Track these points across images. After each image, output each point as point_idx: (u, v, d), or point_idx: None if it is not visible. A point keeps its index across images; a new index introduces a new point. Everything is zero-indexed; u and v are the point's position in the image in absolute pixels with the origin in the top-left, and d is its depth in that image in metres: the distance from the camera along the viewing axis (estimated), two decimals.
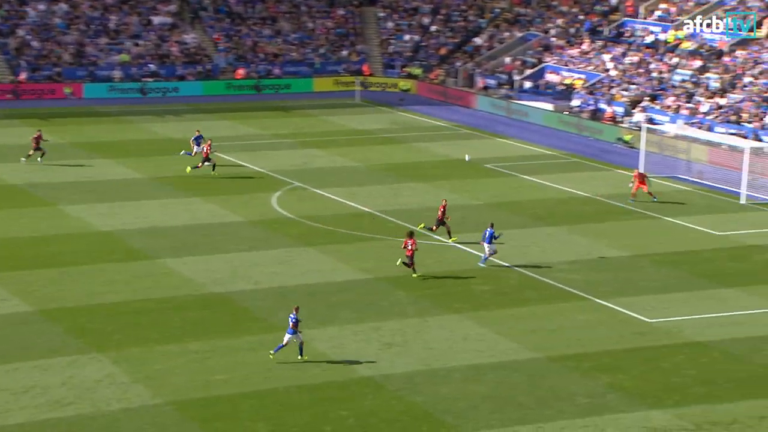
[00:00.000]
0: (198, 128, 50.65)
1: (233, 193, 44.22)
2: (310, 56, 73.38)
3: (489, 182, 47.50)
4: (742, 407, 24.20)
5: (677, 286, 32.89)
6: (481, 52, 73.75)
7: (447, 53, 75.25)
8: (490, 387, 25.53)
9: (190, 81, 69.22)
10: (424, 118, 63.67)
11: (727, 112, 53.60)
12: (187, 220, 39.91)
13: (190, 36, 72.71)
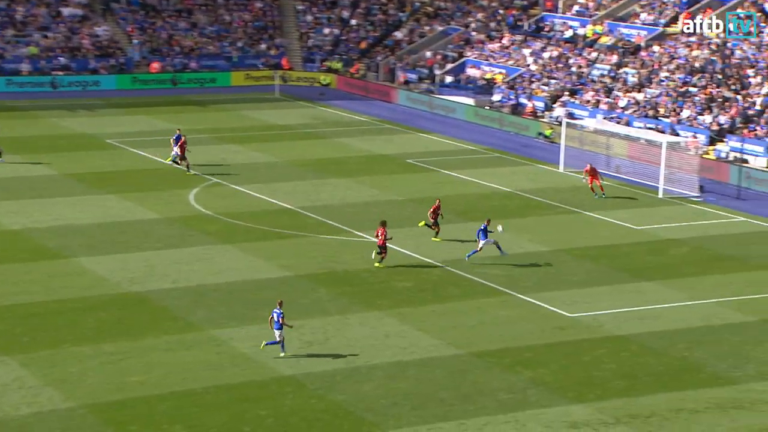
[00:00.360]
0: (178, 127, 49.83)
1: (149, 190, 43.53)
2: (227, 50, 72.68)
3: (411, 178, 47.64)
4: (661, 400, 24.69)
5: (597, 281, 33.41)
6: (401, 46, 73.94)
7: (367, 47, 75.26)
8: (412, 384, 25.59)
9: (103, 75, 67.97)
10: (344, 113, 63.56)
11: (644, 107, 54.68)
12: (102, 218, 39.17)
13: (102, 28, 71.35)
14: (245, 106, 64.03)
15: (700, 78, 54.61)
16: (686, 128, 51.43)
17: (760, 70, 53.03)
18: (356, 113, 63.62)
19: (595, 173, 44.03)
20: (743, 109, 50.97)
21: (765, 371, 26.29)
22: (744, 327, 29.45)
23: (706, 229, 39.71)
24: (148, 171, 47.05)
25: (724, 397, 24.80)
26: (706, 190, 45.15)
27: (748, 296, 31.95)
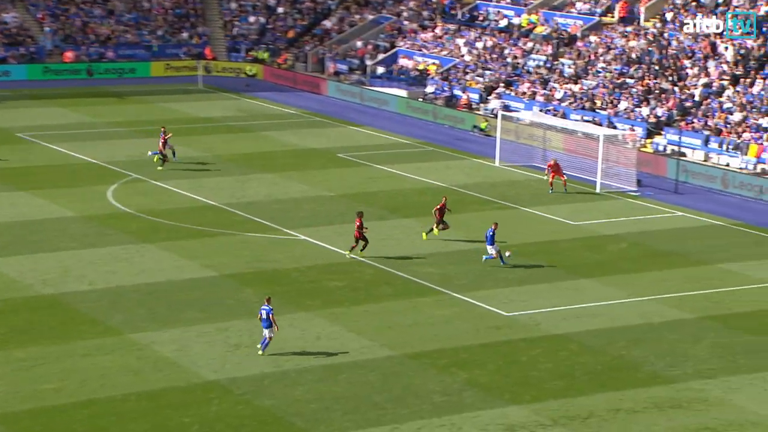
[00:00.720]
0: None
1: (64, 186, 42.82)
2: (146, 39, 71.79)
3: (342, 172, 47.61)
4: (599, 400, 25.05)
5: (534, 278, 33.77)
6: (331, 35, 73.83)
7: (295, 36, 74.98)
8: (344, 387, 25.58)
9: (13, 64, 66.63)
10: (272, 105, 63.27)
11: (581, 99, 55.39)
12: (13, 216, 38.42)
13: (11, 15, 69.90)
14: (166, 98, 63.33)
15: (637, 69, 55.52)
16: (624, 121, 52.25)
17: (697, 60, 54.09)
18: (284, 105, 63.35)
19: (558, 169, 44.42)
20: (680, 101, 51.95)
21: (703, 369, 26.84)
22: (682, 324, 30.03)
23: (645, 224, 40.40)
24: (63, 166, 46.26)
25: (661, 397, 25.27)
26: (644, 185, 45.93)
27: (687, 293, 32.59)
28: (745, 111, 49.22)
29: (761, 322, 30.23)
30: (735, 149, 47.62)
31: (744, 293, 32.59)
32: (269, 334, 27.00)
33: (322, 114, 61.25)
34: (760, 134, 47.55)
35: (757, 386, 25.87)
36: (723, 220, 40.97)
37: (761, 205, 43.69)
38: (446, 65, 64.80)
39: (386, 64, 67.98)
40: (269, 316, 26.86)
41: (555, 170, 44.41)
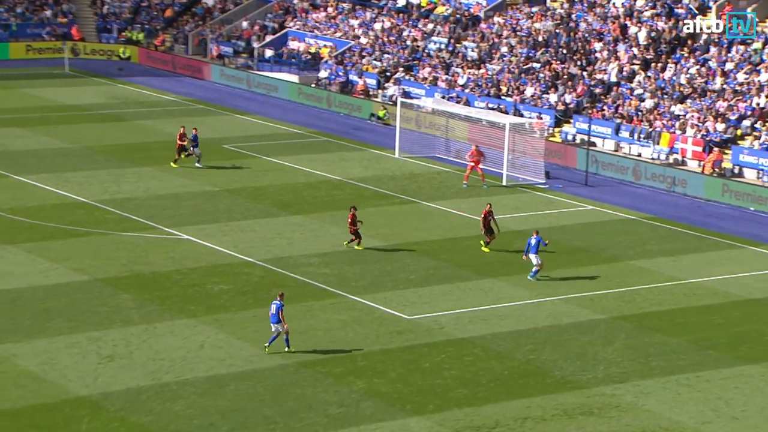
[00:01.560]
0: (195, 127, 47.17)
1: None
2: (4, 17, 70.07)
3: (227, 165, 47.33)
4: (505, 408, 25.49)
5: (437, 278, 34.15)
6: (213, 14, 73.23)
7: (173, 16, 74.16)
8: (230, 400, 25.49)
9: None
10: (149, 92, 62.50)
11: (485, 85, 56.12)
12: None
13: None
14: (28, 83, 62.01)
15: (543, 53, 56.50)
16: (531, 108, 53.15)
17: (607, 43, 55.32)
18: (162, 92, 62.63)
19: (480, 159, 44.65)
20: (589, 88, 53.08)
21: (614, 373, 27.54)
22: (593, 325, 30.75)
23: (553, 219, 41.20)
24: None
25: (571, 403, 25.84)
26: (553, 176, 46.82)
27: (597, 291, 33.37)
28: (657, 98, 50.57)
29: (674, 322, 31.16)
30: (647, 138, 48.90)
31: (656, 291, 33.53)
32: (279, 329, 27.76)
33: (204, 101, 60.74)
34: (673, 122, 48.92)
35: (670, 390, 26.66)
36: (635, 214, 42.05)
37: (674, 198, 44.97)
38: (341, 48, 64.91)
39: (275, 46, 67.77)
40: (279, 312, 27.52)
41: (476, 160, 44.69)
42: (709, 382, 27.07)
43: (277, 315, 27.72)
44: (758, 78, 49.05)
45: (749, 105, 48.04)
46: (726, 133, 47.38)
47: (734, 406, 25.78)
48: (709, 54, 51.67)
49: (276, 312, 27.78)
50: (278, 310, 27.75)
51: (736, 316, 31.76)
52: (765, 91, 48.15)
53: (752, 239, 39.06)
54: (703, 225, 40.80)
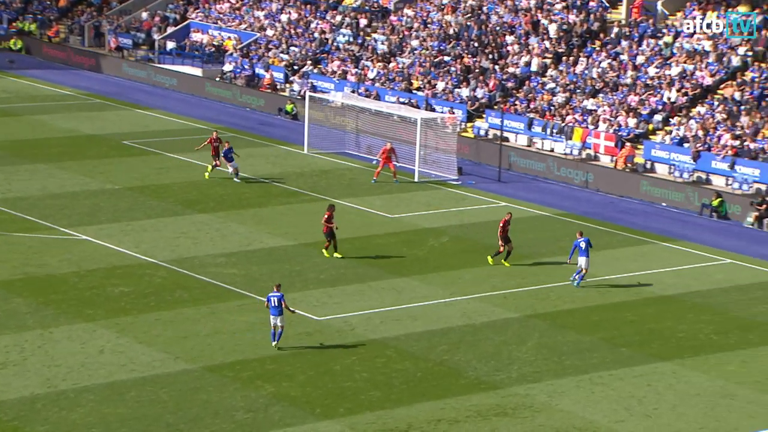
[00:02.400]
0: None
1: None
2: None
3: (127, 162, 46.75)
4: (418, 410, 25.60)
5: (348, 278, 34.15)
6: (111, 4, 72.21)
7: (68, 5, 72.92)
8: (131, 408, 25.17)
9: None
10: (42, 85, 61.46)
11: (396, 78, 56.27)
12: None
13: None
14: None
15: (454, 46, 56.87)
16: (442, 103, 53.45)
17: (519, 37, 55.87)
18: (57, 85, 61.61)
19: (391, 155, 44.68)
20: (501, 82, 53.58)
21: (527, 373, 27.85)
22: (507, 324, 31.06)
23: (467, 216, 41.50)
24: None
25: (485, 404, 26.06)
26: (466, 173, 47.16)
27: (511, 290, 33.71)
28: (569, 92, 51.26)
29: (587, 320, 31.62)
30: (559, 133, 49.54)
31: (570, 289, 33.98)
32: (280, 323, 28.07)
33: (102, 95, 59.89)
34: (585, 117, 49.63)
35: (583, 389, 27.04)
36: (548, 210, 42.57)
37: (587, 194, 45.64)
38: (246, 40, 64.50)
39: (177, 38, 67.05)
40: (281, 303, 27.92)
41: (387, 157, 44.82)
42: (623, 380, 27.53)
43: (280, 306, 27.98)
44: (669, 72, 50.03)
45: (660, 99, 48.98)
46: (638, 128, 48.24)
47: (647, 404, 26.26)
48: (620, 47, 52.54)
49: (278, 304, 28.02)
50: (280, 300, 28.03)
51: (648, 313, 32.36)
52: (676, 85, 49.13)
53: (664, 235, 39.84)
54: (615, 221, 41.48)
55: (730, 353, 29.29)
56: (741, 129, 45.73)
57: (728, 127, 46.06)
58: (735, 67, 48.83)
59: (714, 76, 48.95)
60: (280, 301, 28.19)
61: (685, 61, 50.12)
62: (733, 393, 26.88)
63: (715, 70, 49.11)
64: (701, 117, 47.21)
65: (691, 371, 28.11)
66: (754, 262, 36.57)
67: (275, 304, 28.19)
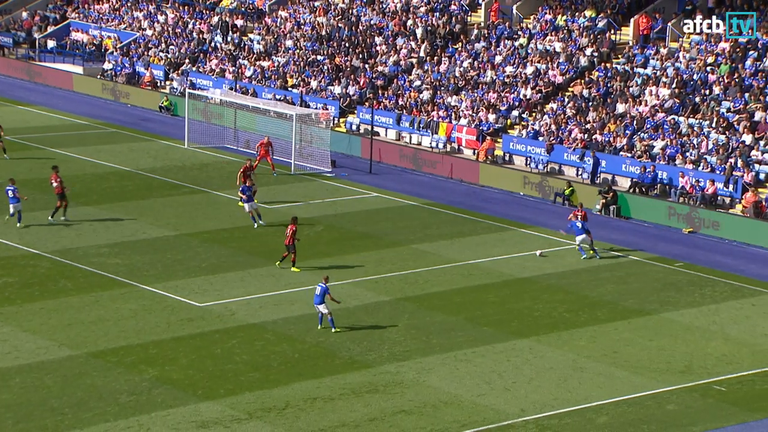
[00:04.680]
0: None
1: None
2: None
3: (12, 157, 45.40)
4: (295, 389, 25.57)
5: (228, 266, 33.85)
6: None
7: None
8: (16, 394, 24.52)
9: None
10: None
11: (272, 76, 55.97)
12: None
13: None
14: None
15: (326, 46, 56.82)
16: (316, 99, 53.37)
17: (387, 38, 56.14)
18: None
19: (268, 149, 44.21)
20: (371, 80, 53.76)
21: (397, 352, 28.06)
22: (379, 307, 31.23)
23: (340, 206, 41.54)
24: None
25: (358, 382, 26.18)
26: (339, 165, 47.20)
27: (382, 275, 33.90)
28: (434, 89, 51.74)
29: (453, 301, 32.01)
30: (426, 128, 49.98)
31: (437, 273, 34.35)
32: (325, 310, 28.67)
33: None
34: (449, 112, 50.17)
35: (449, 366, 27.38)
36: (416, 200, 42.92)
37: (451, 184, 46.17)
38: (125, 40, 63.30)
39: (57, 37, 65.44)
40: (324, 293, 28.63)
41: (266, 150, 44.44)
42: (485, 357, 27.96)
43: (322, 296, 28.55)
44: (524, 71, 50.92)
45: (517, 96, 49.82)
46: (497, 122, 48.98)
47: (506, 378, 26.74)
48: (479, 48, 53.25)
49: (321, 293, 28.60)
50: (324, 292, 28.61)
51: (508, 294, 32.92)
52: (531, 83, 50.03)
53: (521, 222, 40.56)
54: (478, 209, 42.06)
55: (581, 329, 30.02)
56: (589, 123, 46.87)
57: (578, 121, 47.14)
58: (583, 67, 49.99)
59: (564, 75, 50.02)
60: (323, 292, 28.72)
61: (539, 61, 51.09)
62: (583, 366, 27.56)
63: (566, 69, 50.19)
64: (554, 113, 48.20)
65: (546, 347, 28.72)
66: (602, 246, 37.53)
67: (317, 293, 28.83)
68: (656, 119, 45.50)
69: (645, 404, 25.56)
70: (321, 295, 28.87)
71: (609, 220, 41.49)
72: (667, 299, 32.53)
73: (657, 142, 44.47)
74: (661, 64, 47.93)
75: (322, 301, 28.89)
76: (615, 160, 44.52)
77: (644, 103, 46.36)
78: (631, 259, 36.36)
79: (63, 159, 45.57)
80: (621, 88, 47.66)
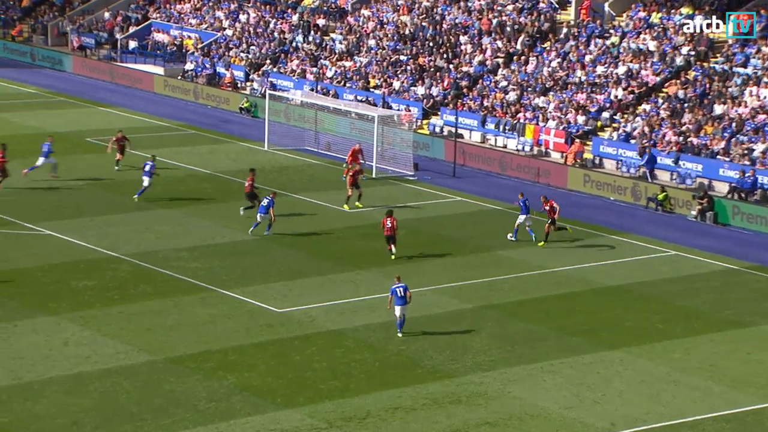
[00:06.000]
0: None
1: None
2: None
3: (90, 159, 46.35)
4: (376, 399, 25.61)
5: (308, 271, 34.06)
6: (73, 4, 71.56)
7: (31, 5, 72.16)
8: (95, 399, 24.97)
9: None
10: (6, 84, 60.90)
11: (354, 77, 56.21)
12: None
13: None
14: None
15: (409, 45, 56.88)
16: (399, 101, 53.46)
17: (472, 37, 55.99)
18: (20, 84, 61.01)
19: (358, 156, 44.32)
20: (455, 80, 53.68)
21: (481, 362, 27.92)
22: (461, 315, 31.13)
23: (422, 210, 41.53)
24: None
25: (441, 392, 26.11)
26: (422, 168, 47.21)
27: (466, 281, 33.79)
28: (521, 90, 51.45)
29: (539, 310, 31.77)
30: (512, 130, 49.72)
31: (522, 280, 34.13)
32: (404, 312, 28.64)
33: (66, 93, 59.36)
34: (536, 114, 49.84)
35: (535, 377, 27.17)
36: (501, 205, 42.71)
37: (538, 189, 45.84)
38: (206, 40, 64.16)
39: (139, 38, 66.58)
40: (406, 292, 28.62)
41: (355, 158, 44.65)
42: (572, 368, 27.69)
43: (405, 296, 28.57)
44: (616, 71, 50.35)
45: (608, 97, 49.29)
46: (586, 125, 48.51)
47: (596, 391, 26.44)
48: (568, 47, 52.80)
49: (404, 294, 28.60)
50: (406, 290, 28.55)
51: (597, 302, 32.57)
52: (622, 83, 49.45)
53: (611, 228, 40.10)
54: (566, 215, 41.69)
55: (675, 341, 29.56)
56: (684, 126, 46.15)
57: (672, 124, 46.45)
58: (679, 66, 49.25)
59: (658, 75, 49.34)
60: (405, 291, 28.57)
61: (631, 61, 50.47)
62: (678, 379, 27.14)
63: (660, 69, 49.50)
64: (647, 114, 47.57)
65: (637, 359, 28.34)
66: (698, 254, 36.93)
67: (401, 295, 28.63)
68: (756, 121, 44.64)
69: (744, 420, 25.07)
70: (404, 295, 28.87)
71: (705, 226, 40.80)
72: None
73: (757, 145, 43.63)
74: (762, 63, 47.00)
75: (406, 302, 28.89)
76: (712, 164, 43.79)
77: (744, 104, 45.52)
78: (728, 268, 35.71)
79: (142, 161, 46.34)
80: (719, 88, 46.85)
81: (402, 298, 28.92)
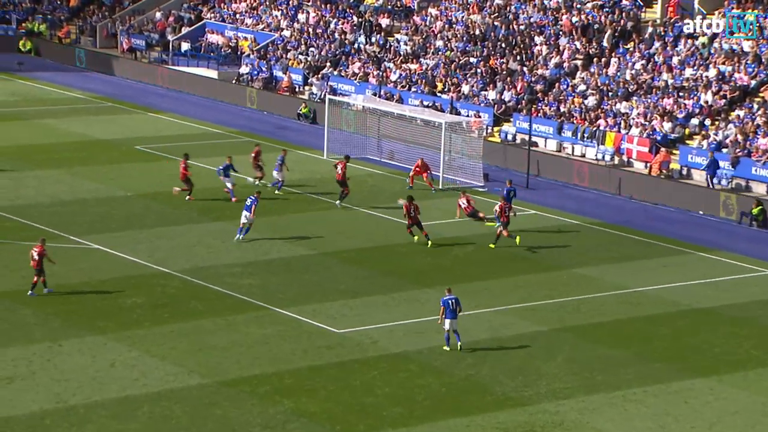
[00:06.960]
0: None
1: None
2: None
3: (140, 168, 47.02)
4: (442, 428, 25.65)
5: (370, 289, 34.23)
6: (124, 4, 72.67)
7: (79, 5, 73.43)
8: (144, 424, 25.32)
9: None
10: (52, 88, 61.89)
11: (420, 81, 56.41)
12: None
13: None
14: None
15: (480, 47, 56.96)
16: (468, 106, 53.54)
17: (548, 37, 55.92)
18: (67, 88, 62.01)
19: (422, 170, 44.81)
20: (530, 84, 53.63)
21: (557, 389, 27.85)
22: (535, 337, 31.07)
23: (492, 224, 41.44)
24: None
25: (513, 421, 26.08)
26: (492, 179, 47.20)
27: (539, 302, 33.72)
28: (601, 94, 51.25)
29: (620, 333, 31.59)
30: (591, 138, 49.53)
31: (600, 301, 33.97)
32: (450, 326, 29.10)
33: (114, 98, 60.24)
34: (618, 120, 49.60)
35: (616, 406, 27.03)
36: (579, 219, 42.56)
37: (619, 201, 45.61)
38: (262, 41, 64.79)
39: (191, 39, 67.43)
40: (458, 305, 29.14)
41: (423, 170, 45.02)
42: (657, 397, 27.49)
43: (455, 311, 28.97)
44: (706, 74, 49.95)
45: (697, 102, 48.91)
46: (673, 132, 48.18)
47: (684, 422, 26.23)
48: (654, 48, 52.51)
49: (454, 308, 29.09)
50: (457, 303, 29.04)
51: (683, 326, 32.30)
52: (713, 87, 49.04)
53: (701, 244, 39.75)
54: (649, 230, 41.41)
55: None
56: None
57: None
58: None
59: (753, 78, 48.84)
60: (457, 303, 29.08)
61: (723, 63, 50.03)
62: None
63: (755, 71, 49.00)
64: (740, 121, 47.10)
65: (729, 387, 28.05)
66: None
67: (452, 308, 29.08)
68: None
69: None
70: (454, 310, 29.16)
71: None
72: None
73: None
74: None
75: (455, 315, 29.12)
76: None
77: None
78: None
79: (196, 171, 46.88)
80: None
81: (453, 312, 29.16)
